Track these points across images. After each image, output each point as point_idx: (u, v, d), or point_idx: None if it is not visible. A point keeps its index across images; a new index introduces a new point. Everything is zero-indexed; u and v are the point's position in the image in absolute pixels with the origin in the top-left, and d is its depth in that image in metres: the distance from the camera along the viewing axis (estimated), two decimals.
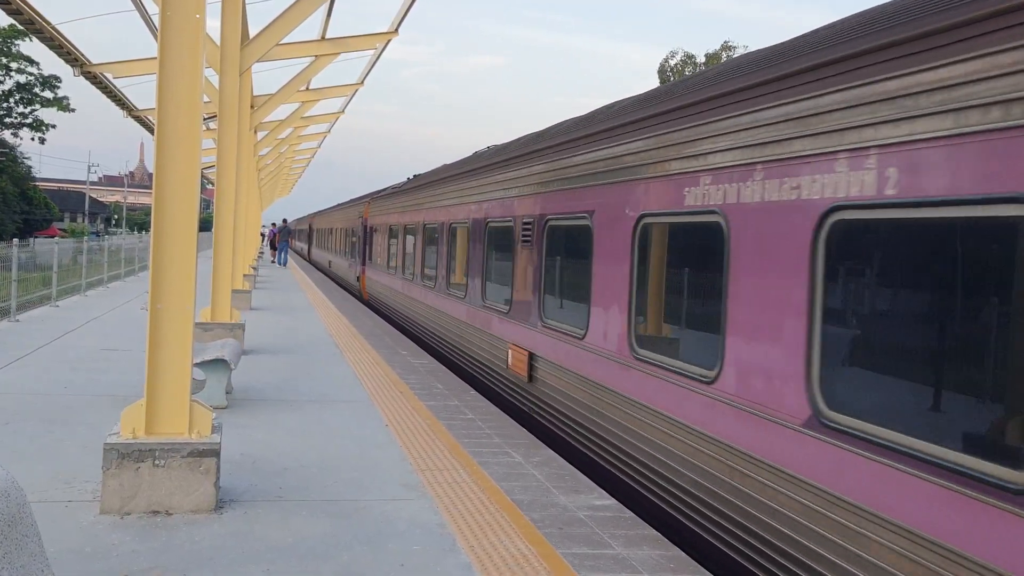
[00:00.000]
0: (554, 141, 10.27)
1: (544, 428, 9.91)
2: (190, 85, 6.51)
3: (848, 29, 5.39)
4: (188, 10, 6.50)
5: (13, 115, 74.23)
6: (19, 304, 17.80)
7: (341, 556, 5.70)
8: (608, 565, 5.74)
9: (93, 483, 6.78)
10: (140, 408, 6.47)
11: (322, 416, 9.89)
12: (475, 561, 5.72)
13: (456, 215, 15.09)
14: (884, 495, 4.57)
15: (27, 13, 14.78)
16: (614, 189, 8.14)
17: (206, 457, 6.41)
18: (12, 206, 76.28)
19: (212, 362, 9.83)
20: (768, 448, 5.53)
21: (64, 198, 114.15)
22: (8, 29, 60.41)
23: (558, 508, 6.89)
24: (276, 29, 15.32)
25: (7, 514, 3.35)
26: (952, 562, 4.09)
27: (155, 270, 6.49)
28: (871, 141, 4.76)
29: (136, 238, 38.48)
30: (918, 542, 4.31)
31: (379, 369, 13.36)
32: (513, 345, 11.04)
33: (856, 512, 4.74)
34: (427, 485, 7.36)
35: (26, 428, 8.66)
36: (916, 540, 4.32)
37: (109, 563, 5.39)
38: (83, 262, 24.57)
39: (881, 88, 4.71)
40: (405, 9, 16.95)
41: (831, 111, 5.11)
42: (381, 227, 24.81)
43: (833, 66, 5.21)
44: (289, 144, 37.85)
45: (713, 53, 67.85)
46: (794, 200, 5.44)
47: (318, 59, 19.90)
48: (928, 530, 4.25)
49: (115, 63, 20.23)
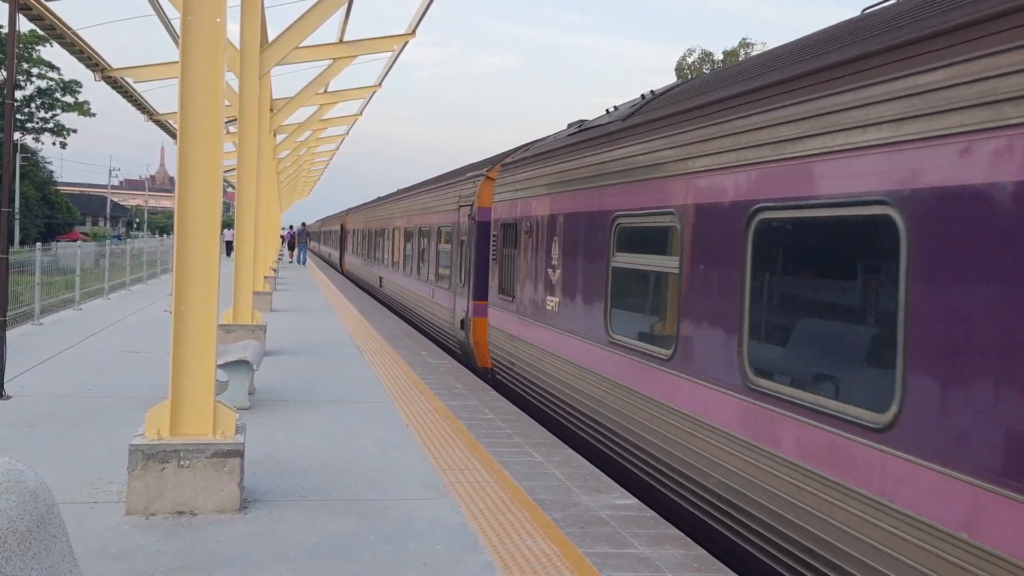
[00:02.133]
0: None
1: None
2: (211, 89, 6.56)
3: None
4: (209, 14, 6.56)
5: (35, 120, 75.04)
6: (43, 307, 17.96)
7: (364, 556, 5.72)
8: (631, 564, 5.73)
9: (118, 484, 6.84)
10: (164, 409, 6.52)
11: (343, 416, 9.93)
12: (497, 560, 5.73)
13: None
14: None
15: (48, 19, 14.93)
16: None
17: (230, 458, 6.46)
18: (34, 210, 77.05)
19: (235, 363, 9.90)
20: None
21: (86, 202, 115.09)
22: (29, 35, 60.96)
23: (580, 507, 6.89)
24: (295, 33, 15.39)
25: (36, 515, 3.39)
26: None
27: (178, 273, 6.54)
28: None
29: (158, 241, 38.75)
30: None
31: (398, 369, 13.40)
32: None
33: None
34: (448, 485, 7.38)
35: (51, 430, 8.75)
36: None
37: (135, 563, 5.44)
38: (105, 265, 24.77)
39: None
40: (422, 11, 17.00)
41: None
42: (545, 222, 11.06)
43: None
44: (308, 146, 38.03)
45: (731, 50, 67.61)
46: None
47: (336, 62, 19.99)
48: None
49: (136, 67, 20.41)
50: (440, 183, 20.03)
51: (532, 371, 11.25)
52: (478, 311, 14.25)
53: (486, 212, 14.21)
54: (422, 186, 23.71)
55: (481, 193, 14.68)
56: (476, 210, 14.75)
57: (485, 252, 14.15)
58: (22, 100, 71.92)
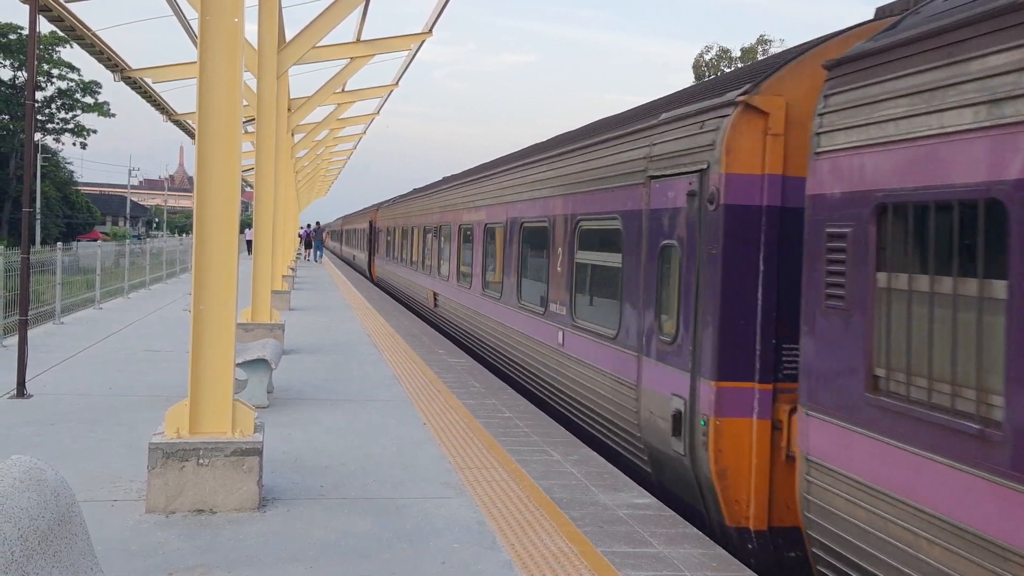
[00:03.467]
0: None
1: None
2: (229, 89, 6.59)
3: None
4: (227, 14, 6.58)
5: (55, 121, 75.57)
6: (63, 307, 18.10)
7: (382, 554, 5.73)
8: (649, 564, 5.72)
9: (138, 482, 6.89)
10: (184, 408, 6.56)
11: (361, 415, 9.95)
12: (516, 559, 5.72)
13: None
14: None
15: (68, 20, 15.03)
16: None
17: (249, 456, 6.48)
18: (55, 210, 77.65)
19: (253, 362, 9.94)
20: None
21: (106, 202, 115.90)
22: (49, 36, 61.45)
23: (598, 506, 6.88)
24: (312, 32, 15.43)
25: (57, 513, 3.42)
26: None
27: (198, 272, 6.58)
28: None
29: (177, 241, 38.98)
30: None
31: (416, 367, 13.42)
32: None
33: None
34: (466, 483, 7.39)
35: (71, 429, 8.81)
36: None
37: (155, 561, 5.47)
38: (125, 265, 24.94)
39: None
40: (439, 10, 17.00)
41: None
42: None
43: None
44: (325, 146, 38.13)
45: (749, 47, 67.30)
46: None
47: (353, 61, 20.02)
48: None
49: (154, 68, 20.50)
50: (593, 137, 10.18)
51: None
52: (730, 403, 6.69)
53: (750, 186, 6.72)
54: (532, 153, 13.62)
55: (738, 144, 6.73)
56: (721, 182, 6.76)
57: (748, 273, 6.70)
58: (43, 101, 72.49)
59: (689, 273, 7.14)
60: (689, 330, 7.09)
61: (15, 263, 13.83)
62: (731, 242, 6.67)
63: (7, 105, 69.27)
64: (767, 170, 6.65)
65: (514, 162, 14.30)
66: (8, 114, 69.54)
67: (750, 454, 6.60)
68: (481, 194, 15.95)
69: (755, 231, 6.65)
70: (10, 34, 67.22)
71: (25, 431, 8.64)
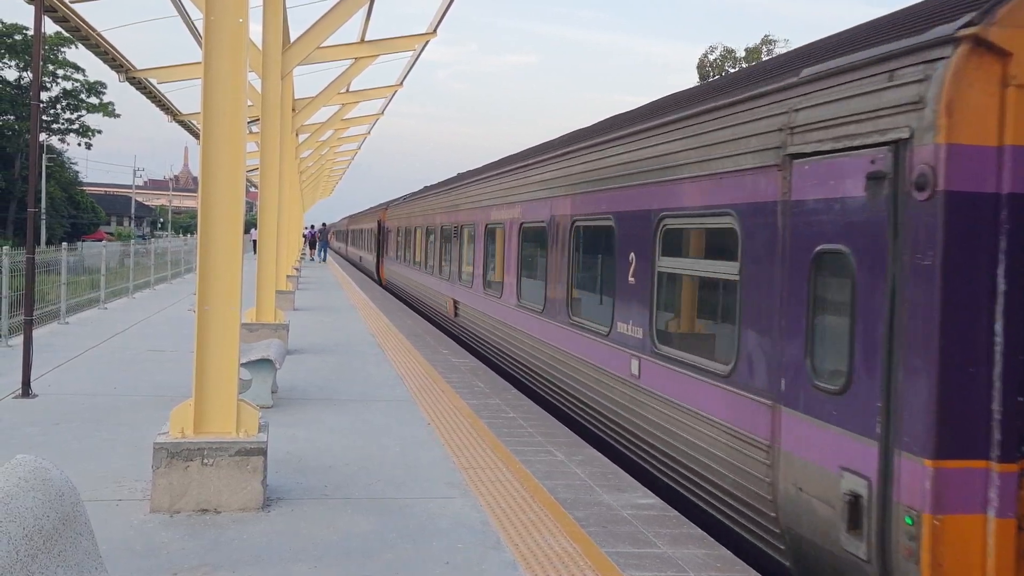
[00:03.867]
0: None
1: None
2: (234, 89, 6.60)
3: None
4: (231, 15, 6.59)
5: (60, 121, 75.78)
6: (68, 307, 18.14)
7: (386, 554, 5.74)
8: (653, 564, 5.72)
9: (143, 482, 6.90)
10: (188, 408, 6.57)
11: (365, 415, 9.96)
12: (520, 559, 5.72)
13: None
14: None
15: (73, 20, 15.06)
16: None
17: (253, 456, 6.49)
18: (60, 211, 77.82)
19: (258, 362, 9.95)
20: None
21: (110, 202, 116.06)
22: (55, 36, 61.56)
23: (602, 507, 6.87)
24: (317, 32, 15.44)
25: (62, 513, 3.42)
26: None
27: (202, 272, 6.59)
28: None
29: (181, 241, 39.04)
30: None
31: (420, 368, 13.42)
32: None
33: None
34: (470, 483, 7.39)
35: (76, 428, 8.83)
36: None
37: (159, 560, 5.48)
38: (130, 265, 24.99)
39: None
40: (443, 10, 17.02)
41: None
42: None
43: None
44: (330, 146, 38.16)
45: (753, 47, 67.22)
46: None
47: (357, 61, 20.03)
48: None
49: (159, 68, 20.52)
50: (686, 109, 7.66)
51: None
52: (956, 492, 4.51)
53: (982, 164, 4.52)
54: (584, 137, 10.81)
55: (965, 100, 4.49)
56: (940, 157, 4.53)
57: (980, 293, 4.54)
58: (48, 101, 72.67)
59: (873, 293, 4.93)
60: (875, 376, 4.86)
61: (20, 263, 13.85)
62: (955, 248, 4.48)
63: (12, 105, 69.48)
64: (1008, 140, 4.47)
65: (560, 148, 11.57)
66: (13, 114, 69.75)
67: (984, 570, 4.47)
68: (519, 187, 13.23)
69: (991, 231, 4.49)
70: (15, 35, 67.40)
71: (30, 431, 8.66)
